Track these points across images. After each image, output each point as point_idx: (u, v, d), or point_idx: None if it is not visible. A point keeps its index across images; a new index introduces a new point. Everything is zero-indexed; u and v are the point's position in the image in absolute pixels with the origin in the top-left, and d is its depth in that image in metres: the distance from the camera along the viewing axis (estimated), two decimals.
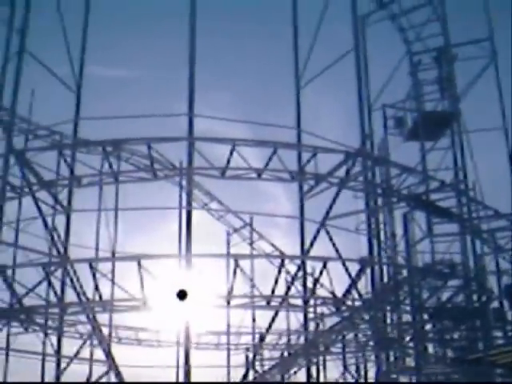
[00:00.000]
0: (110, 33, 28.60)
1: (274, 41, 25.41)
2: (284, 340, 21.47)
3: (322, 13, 20.83)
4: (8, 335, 18.33)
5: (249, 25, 28.21)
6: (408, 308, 18.25)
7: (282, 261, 16.62)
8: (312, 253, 18.41)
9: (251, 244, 22.48)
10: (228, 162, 17.46)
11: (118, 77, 33.10)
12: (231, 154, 17.26)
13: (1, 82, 20.39)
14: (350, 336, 19.90)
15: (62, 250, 18.17)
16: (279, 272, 16.49)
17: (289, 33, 21.56)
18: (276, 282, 16.46)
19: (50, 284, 16.34)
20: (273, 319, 18.65)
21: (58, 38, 20.87)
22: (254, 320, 21.61)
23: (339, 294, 16.43)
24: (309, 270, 18.55)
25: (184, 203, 17.93)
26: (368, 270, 17.25)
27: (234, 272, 16.12)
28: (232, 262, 16.79)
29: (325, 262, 15.99)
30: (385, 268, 18.90)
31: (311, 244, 18.42)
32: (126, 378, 18.35)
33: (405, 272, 18.54)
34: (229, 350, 22.33)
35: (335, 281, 16.60)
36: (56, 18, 20.72)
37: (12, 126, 18.07)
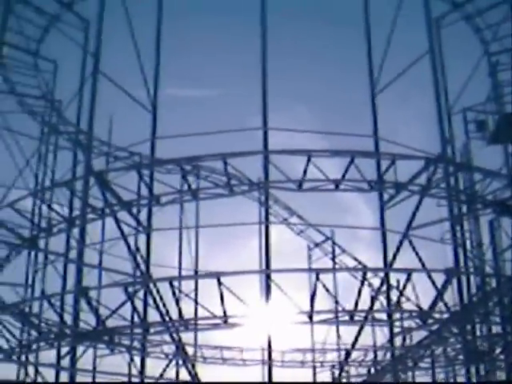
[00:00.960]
0: (182, 53, 28.77)
1: (347, 47, 25.04)
2: (370, 356, 20.93)
3: (395, 16, 20.42)
4: (94, 357, 18.58)
5: (321, 34, 27.89)
6: (498, 319, 17.47)
7: (365, 274, 16.18)
8: (396, 265, 17.93)
9: (333, 258, 22.08)
10: (304, 173, 17.23)
11: (193, 97, 33.30)
12: (307, 165, 17.03)
13: (78, 104, 20.98)
14: (439, 350, 19.20)
15: (144, 270, 18.27)
16: (362, 285, 16.05)
17: (362, 38, 21.19)
18: (359, 296, 16.02)
19: (133, 304, 16.38)
20: (358, 334, 18.18)
21: (132, 60, 21.16)
22: (338, 336, 21.16)
23: (425, 306, 15.88)
24: (393, 282, 18.02)
25: (263, 219, 17.84)
26: (454, 281, 16.61)
27: (315, 286, 15.77)
28: (313, 276, 16.48)
29: (409, 273, 15.46)
30: (472, 278, 18.22)
31: (394, 256, 17.94)
32: None
33: (493, 282, 17.80)
34: (314, 367, 21.95)
35: (421, 293, 16.07)
36: (129, 41, 21.00)
37: (90, 148, 18.32)
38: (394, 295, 17.09)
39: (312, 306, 15.45)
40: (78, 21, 23.00)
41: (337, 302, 17.10)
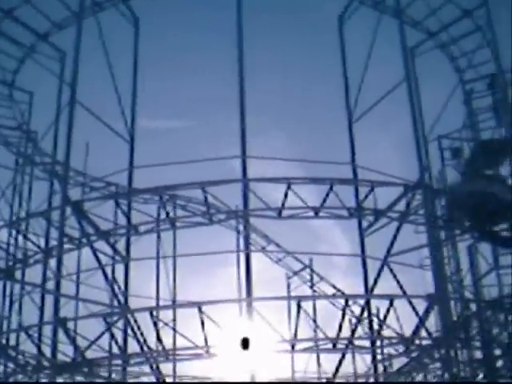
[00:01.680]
0: (159, 83, 28.81)
1: (323, 76, 25.26)
2: None
3: (370, 46, 20.68)
4: None
5: (297, 63, 28.12)
6: (478, 344, 17.50)
7: (347, 301, 16.12)
8: (375, 292, 17.94)
9: (312, 287, 21.97)
10: (284, 201, 17.24)
11: (169, 128, 33.28)
12: (286, 193, 17.04)
13: (55, 134, 20.85)
14: (419, 377, 19.13)
15: (122, 300, 18.05)
16: (344, 313, 15.98)
17: (338, 68, 21.43)
18: (341, 323, 15.95)
19: (112, 335, 16.14)
20: (340, 362, 18.06)
21: (109, 90, 21.15)
22: (319, 364, 20.97)
23: (405, 332, 15.86)
24: (373, 310, 18.01)
25: (241, 247, 17.76)
26: (435, 307, 16.63)
27: (298, 314, 15.69)
28: (294, 304, 16.41)
29: (391, 299, 15.45)
30: (452, 304, 18.24)
31: (375, 282, 17.94)
32: None
33: (473, 307, 17.85)
34: None
35: (401, 320, 16.07)
36: (106, 70, 21.00)
37: (67, 178, 18.16)
38: (375, 323, 17.15)
39: (295, 334, 15.36)
40: (54, 51, 22.98)
41: (315, 331, 17.08)
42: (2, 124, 22.35)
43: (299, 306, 15.88)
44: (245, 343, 15.00)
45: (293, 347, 16.24)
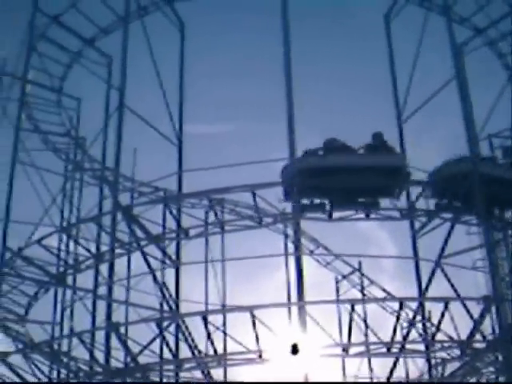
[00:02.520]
0: (205, 88, 28.84)
1: (372, 75, 24.96)
2: None
3: (419, 44, 20.35)
4: None
5: (344, 67, 27.90)
6: None
7: (401, 304, 15.82)
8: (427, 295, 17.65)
9: (362, 290, 21.68)
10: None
11: (215, 132, 33.29)
12: None
13: (104, 140, 20.95)
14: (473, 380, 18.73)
15: (173, 305, 18.03)
16: (398, 316, 15.71)
17: (386, 69, 21.14)
18: (395, 326, 15.68)
19: (163, 340, 16.13)
20: (393, 367, 17.74)
21: (156, 94, 21.18)
22: (371, 369, 20.67)
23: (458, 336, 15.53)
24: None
25: (289, 250, 17.61)
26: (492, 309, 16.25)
27: (351, 317, 15.46)
28: (345, 309, 16.20)
29: (446, 302, 15.13)
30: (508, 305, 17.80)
31: (427, 284, 17.63)
32: None
33: None
34: None
35: (454, 323, 15.75)
36: (153, 74, 21.03)
37: (117, 183, 18.22)
38: (428, 325, 16.84)
39: (349, 338, 15.14)
40: (101, 57, 23.14)
41: (367, 334, 16.80)
42: (51, 131, 22.60)
43: (352, 309, 15.64)
44: (294, 349, 14.83)
45: (346, 351, 15.99)
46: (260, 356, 14.99)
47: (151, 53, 20.74)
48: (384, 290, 21.48)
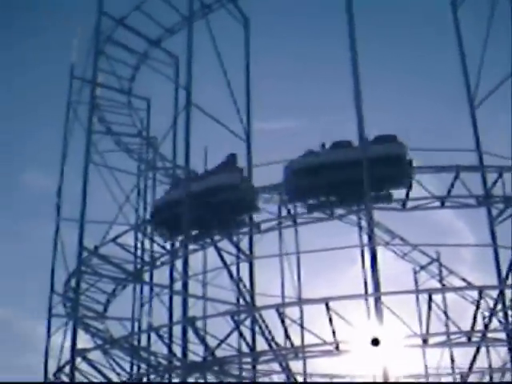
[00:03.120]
0: (271, 83, 28.84)
1: (441, 61, 24.53)
2: (487, 379, 19.94)
3: (487, 29, 19.82)
4: None
5: (412, 52, 27.52)
6: None
7: (480, 292, 15.42)
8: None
9: (441, 281, 21.27)
10: (407, 192, 16.75)
11: (283, 128, 33.26)
12: (410, 184, 16.56)
13: (173, 139, 21.17)
14: None
15: (248, 299, 18.07)
16: (478, 305, 15.32)
17: (455, 52, 20.67)
18: (475, 315, 15.30)
19: (240, 334, 16.17)
20: (475, 357, 17.36)
21: (223, 91, 21.24)
22: (452, 359, 20.29)
23: None
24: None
25: (364, 242, 17.39)
26: None
27: (429, 307, 15.16)
28: (423, 299, 15.92)
29: None
30: None
31: (507, 272, 17.16)
32: None
33: None
34: None
35: None
36: (219, 72, 21.08)
37: (188, 180, 18.35)
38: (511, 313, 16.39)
39: (427, 328, 14.85)
40: (167, 57, 23.41)
41: (447, 325, 16.45)
42: (123, 132, 23.01)
43: (430, 299, 15.33)
44: (375, 342, 14.63)
45: (425, 342, 15.69)
46: (337, 348, 14.83)
47: (217, 50, 20.81)
48: (464, 280, 21.05)
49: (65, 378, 17.22)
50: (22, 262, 38.27)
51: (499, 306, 16.71)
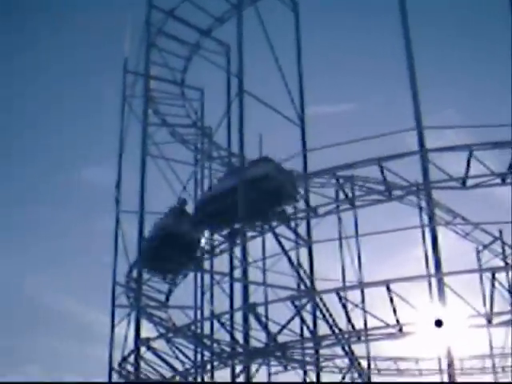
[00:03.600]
0: (323, 67, 28.63)
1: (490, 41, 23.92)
2: None
3: None
4: (269, 374, 18.53)
5: (465, 34, 26.97)
6: None
7: None
8: None
9: (504, 259, 20.85)
10: (467, 170, 16.39)
11: (341, 112, 33.04)
12: (469, 161, 16.19)
13: (227, 127, 21.23)
14: None
15: (308, 284, 18.03)
16: None
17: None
18: None
19: (302, 319, 16.15)
20: None
21: (275, 77, 21.14)
22: None
23: None
24: None
25: (425, 223, 17.12)
26: None
27: (493, 286, 14.84)
28: (486, 278, 15.61)
29: None
30: None
31: None
32: None
33: None
34: (495, 373, 20.70)
35: None
36: (270, 58, 20.99)
37: (243, 169, 18.38)
38: None
39: (491, 307, 14.55)
40: (218, 46, 23.45)
41: None
42: (178, 123, 23.20)
43: (493, 278, 15.01)
44: (438, 323, 14.43)
45: (489, 321, 15.38)
46: (400, 330, 14.67)
47: (267, 36, 20.71)
48: None
49: (130, 368, 17.48)
50: (84, 255, 39.15)
51: None
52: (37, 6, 40.28)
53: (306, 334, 16.83)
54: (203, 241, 19.46)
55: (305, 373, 18.10)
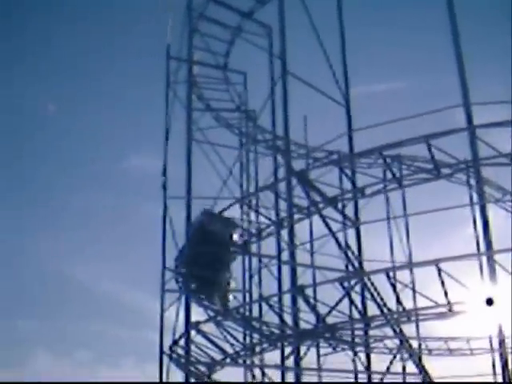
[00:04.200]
0: (363, 47, 28.27)
1: None
2: None
3: None
4: (318, 355, 18.53)
5: None
6: None
7: None
8: None
9: None
10: None
11: (387, 90, 32.61)
12: None
13: (272, 109, 21.18)
14: None
15: (357, 265, 17.93)
16: None
17: None
18: None
19: (351, 300, 16.09)
20: None
21: (319, 58, 20.96)
22: None
23: None
24: None
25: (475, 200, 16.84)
26: None
27: None
28: None
29: None
30: None
31: None
32: None
33: None
34: None
35: None
36: (313, 40, 20.80)
37: (289, 149, 18.33)
38: None
39: None
40: (260, 28, 23.31)
41: None
42: (222, 107, 23.21)
43: None
44: (489, 302, 14.21)
45: None
46: (450, 309, 14.48)
47: (309, 16, 20.54)
48: None
49: (180, 351, 17.64)
50: (133, 241, 39.68)
51: None
52: None
53: (356, 315, 16.73)
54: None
55: (355, 354, 18.04)
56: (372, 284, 16.43)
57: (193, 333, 17.42)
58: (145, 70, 32.81)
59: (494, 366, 19.04)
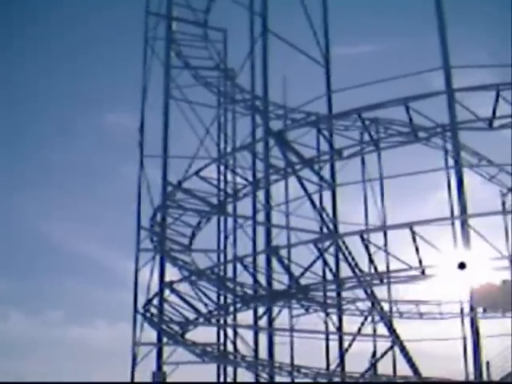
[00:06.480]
0: (350, 9, 27.99)
1: None
2: None
3: None
4: (290, 316, 18.63)
5: None
6: None
7: None
8: None
9: None
10: (494, 110, 15.97)
11: (363, 53, 32.40)
12: (497, 100, 15.75)
13: (251, 68, 20.91)
14: None
15: (331, 227, 17.93)
16: None
17: None
18: None
19: (324, 261, 16.12)
20: None
21: (300, 17, 20.66)
22: None
23: None
24: None
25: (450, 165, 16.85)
26: None
27: None
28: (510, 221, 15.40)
29: None
30: None
31: None
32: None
33: None
34: None
35: None
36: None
37: (267, 109, 18.15)
38: None
39: None
40: None
41: None
42: (201, 65, 22.89)
43: None
44: (461, 266, 14.30)
45: None
46: (423, 272, 14.54)
47: None
48: None
49: (154, 310, 17.65)
50: (108, 200, 39.47)
51: None
52: None
53: (329, 276, 16.80)
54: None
55: (327, 315, 18.17)
56: (346, 246, 16.45)
57: (167, 292, 17.41)
58: (122, 26, 32.36)
59: (463, 330, 19.31)
